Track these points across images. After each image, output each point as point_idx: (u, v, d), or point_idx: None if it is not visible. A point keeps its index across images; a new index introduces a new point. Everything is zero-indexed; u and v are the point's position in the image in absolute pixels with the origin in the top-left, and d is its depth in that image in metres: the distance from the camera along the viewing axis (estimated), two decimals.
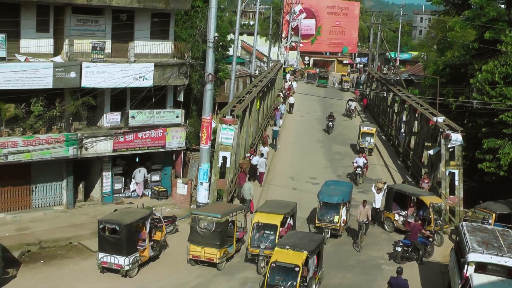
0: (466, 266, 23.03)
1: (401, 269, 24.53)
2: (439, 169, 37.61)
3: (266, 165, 42.21)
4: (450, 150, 37.08)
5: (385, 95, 63.23)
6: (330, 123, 58.42)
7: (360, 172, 42.76)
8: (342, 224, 31.83)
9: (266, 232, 28.53)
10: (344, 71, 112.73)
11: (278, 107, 60.10)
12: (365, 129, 52.33)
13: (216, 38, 35.77)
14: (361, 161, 42.90)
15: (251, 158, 40.69)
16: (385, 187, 35.58)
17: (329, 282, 27.02)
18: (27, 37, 32.21)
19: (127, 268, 26.57)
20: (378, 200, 34.97)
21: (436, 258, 30.02)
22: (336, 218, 31.36)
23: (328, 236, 31.08)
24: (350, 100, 72.26)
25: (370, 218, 31.92)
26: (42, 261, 28.58)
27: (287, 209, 29.67)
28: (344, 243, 32.07)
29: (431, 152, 39.78)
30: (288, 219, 29.54)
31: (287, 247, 23.78)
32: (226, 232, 28.65)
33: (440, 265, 29.00)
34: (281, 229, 28.27)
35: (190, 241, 28.38)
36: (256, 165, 40.37)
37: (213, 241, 27.64)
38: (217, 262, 27.78)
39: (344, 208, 32.25)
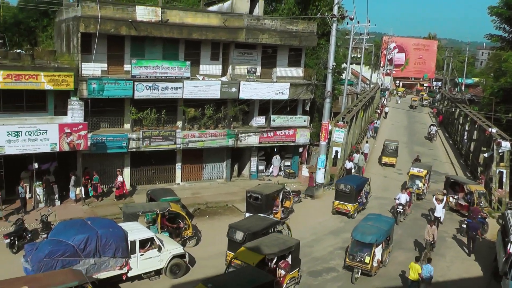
0: (509, 244, 21.71)
1: (476, 218, 27.29)
2: (491, 169, 35.57)
3: (364, 163, 40.42)
4: (501, 154, 34.99)
5: (453, 110, 61.61)
6: None
7: (402, 210, 29.86)
8: (375, 265, 21.97)
9: None
10: (423, 92, 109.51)
11: (374, 121, 58.75)
12: (414, 170, 35.18)
13: (334, 66, 35.52)
14: (403, 198, 30.29)
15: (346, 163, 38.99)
16: (445, 198, 30.04)
17: (406, 246, 26.19)
18: (204, 63, 33.08)
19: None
20: (439, 210, 28.60)
21: (486, 236, 28.40)
22: (367, 259, 21.40)
23: (358, 275, 21.62)
24: (432, 125, 60.15)
25: (436, 239, 24.89)
26: (207, 216, 29.34)
27: (276, 248, 19.42)
28: (417, 219, 30.94)
29: (485, 155, 37.81)
30: (275, 259, 19.75)
31: (209, 285, 15.44)
32: None
33: (489, 242, 27.36)
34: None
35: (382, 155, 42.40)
36: (351, 168, 37.99)
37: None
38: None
39: (380, 247, 22.27)
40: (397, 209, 29.75)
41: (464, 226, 27.75)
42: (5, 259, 21.58)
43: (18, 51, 30.01)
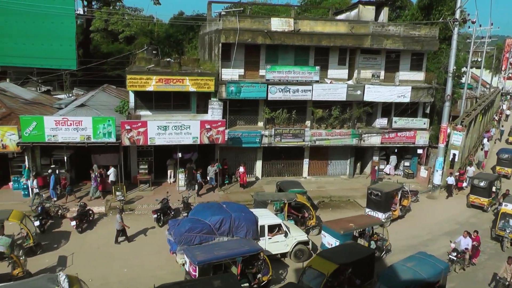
0: None
1: None
2: None
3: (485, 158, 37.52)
4: None
5: None
6: None
7: (455, 258, 20.56)
8: None
9: (315, 279, 16.58)
10: None
11: (489, 130, 53.88)
12: (508, 208, 24.19)
13: (454, 70, 33.29)
14: (464, 243, 21.11)
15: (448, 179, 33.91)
16: None
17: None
18: (332, 68, 32.49)
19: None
20: None
21: None
22: None
23: None
24: None
25: None
26: (330, 209, 28.88)
27: (351, 257, 17.09)
28: None
29: None
30: (349, 269, 16.66)
31: None
32: None
33: None
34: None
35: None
36: (451, 184, 32.62)
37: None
38: None
39: None
40: (450, 256, 20.78)
41: None
42: (153, 230, 24.04)
43: (168, 59, 31.93)
